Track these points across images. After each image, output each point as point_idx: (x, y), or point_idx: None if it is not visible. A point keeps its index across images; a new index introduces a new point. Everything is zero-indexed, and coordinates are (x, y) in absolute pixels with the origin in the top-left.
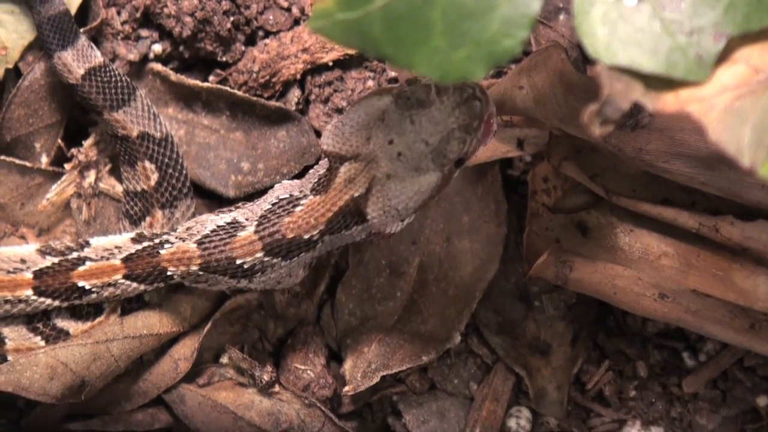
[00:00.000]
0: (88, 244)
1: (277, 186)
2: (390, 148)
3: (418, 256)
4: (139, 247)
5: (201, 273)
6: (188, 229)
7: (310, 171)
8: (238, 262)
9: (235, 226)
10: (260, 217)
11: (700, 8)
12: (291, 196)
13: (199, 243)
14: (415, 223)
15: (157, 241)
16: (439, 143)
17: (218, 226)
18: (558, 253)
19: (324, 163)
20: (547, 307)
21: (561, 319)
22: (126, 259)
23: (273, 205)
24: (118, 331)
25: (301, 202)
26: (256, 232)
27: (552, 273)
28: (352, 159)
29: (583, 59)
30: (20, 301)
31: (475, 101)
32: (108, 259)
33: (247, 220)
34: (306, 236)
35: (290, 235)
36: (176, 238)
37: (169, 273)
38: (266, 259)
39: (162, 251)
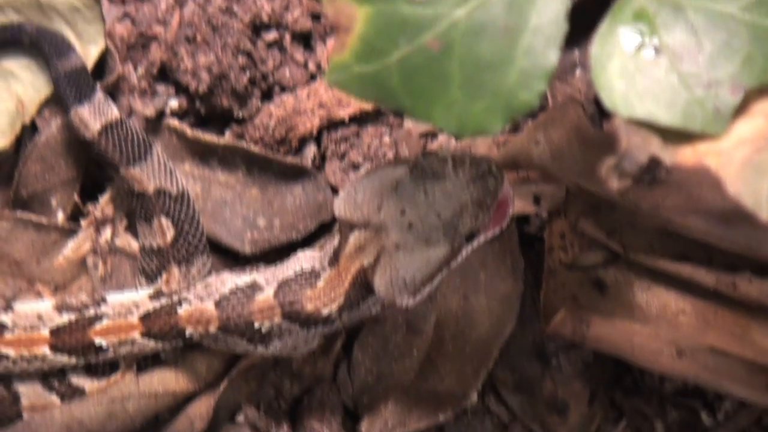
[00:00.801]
0: (104, 300)
1: (299, 254)
2: (401, 219)
3: (435, 314)
4: (157, 304)
5: (220, 335)
6: (207, 286)
7: (327, 242)
8: (256, 325)
9: (253, 287)
10: (281, 282)
11: (717, 61)
12: (313, 268)
13: (217, 303)
14: None
15: (175, 298)
16: (451, 217)
17: (237, 287)
18: (575, 310)
19: (336, 233)
20: (564, 365)
21: (578, 378)
22: (144, 317)
23: (296, 273)
24: (134, 390)
25: (322, 275)
26: (275, 296)
27: (569, 330)
28: (362, 227)
29: (600, 115)
30: (37, 358)
31: (491, 177)
32: (125, 316)
33: (266, 282)
34: (325, 311)
35: (309, 308)
36: (195, 296)
37: (188, 333)
38: (285, 324)
39: (180, 310)
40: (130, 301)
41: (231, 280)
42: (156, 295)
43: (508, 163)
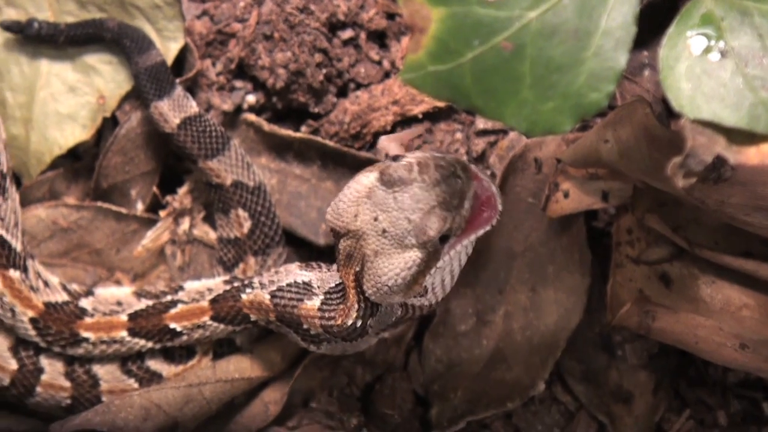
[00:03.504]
0: (181, 288)
1: None
2: (376, 225)
3: (504, 305)
4: (227, 287)
5: (278, 324)
6: (272, 275)
7: None
8: (305, 326)
9: (307, 289)
10: (325, 293)
11: None
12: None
13: (273, 295)
14: (501, 273)
15: (243, 283)
16: (420, 220)
17: (294, 283)
18: (641, 303)
19: None
20: (629, 356)
21: (643, 368)
22: (213, 301)
23: (337, 285)
24: (211, 375)
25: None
26: (319, 309)
27: (635, 323)
28: (346, 235)
29: (667, 114)
30: (115, 341)
31: (455, 179)
32: (198, 301)
33: (318, 287)
34: (349, 322)
35: (339, 322)
36: (259, 283)
37: (252, 318)
38: (323, 335)
39: (243, 296)
40: (205, 287)
41: (293, 275)
42: (231, 280)
43: (578, 160)
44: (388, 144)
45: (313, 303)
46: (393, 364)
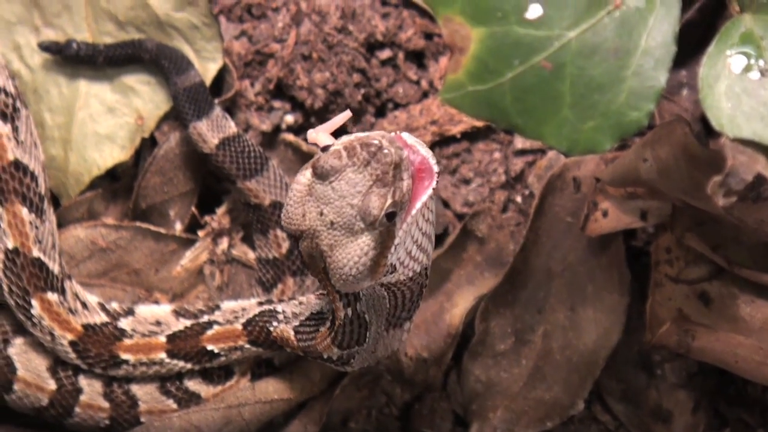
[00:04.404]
0: (218, 307)
1: None
2: (323, 219)
3: (543, 325)
4: (260, 310)
5: (305, 355)
6: (295, 306)
7: None
8: (325, 356)
9: (320, 317)
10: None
11: None
12: None
13: (296, 331)
14: (540, 292)
15: (272, 310)
16: (362, 203)
17: (311, 315)
18: (680, 322)
19: None
20: (669, 375)
21: (682, 388)
22: (246, 324)
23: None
24: (250, 396)
25: None
26: (328, 329)
27: (674, 342)
28: (301, 237)
29: (706, 133)
30: (154, 363)
31: (383, 152)
32: (232, 323)
33: (328, 311)
34: (342, 315)
35: (337, 323)
36: (283, 316)
37: (285, 348)
38: (344, 353)
39: (271, 328)
40: (239, 306)
41: (311, 306)
42: (263, 302)
43: (617, 179)
44: (316, 136)
45: (325, 327)
46: (432, 383)
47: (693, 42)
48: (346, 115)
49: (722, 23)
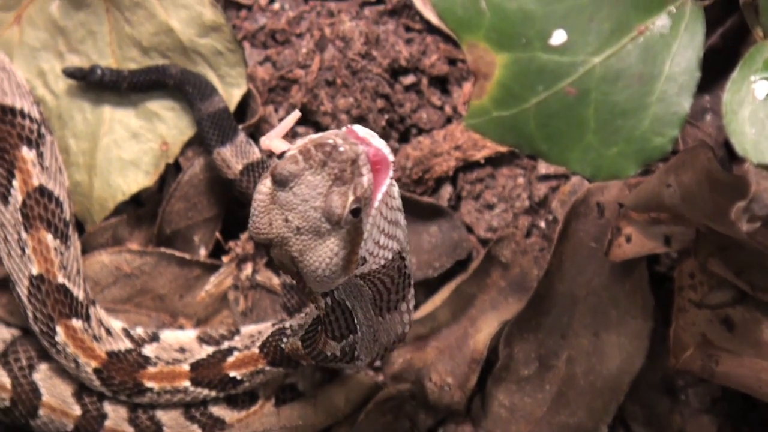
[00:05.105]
0: (238, 332)
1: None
2: (290, 226)
3: (567, 350)
4: (272, 330)
5: (316, 363)
6: (301, 318)
7: None
8: (329, 354)
9: (317, 321)
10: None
11: None
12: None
13: (303, 339)
14: (564, 318)
15: (281, 327)
16: (325, 204)
17: (314, 320)
18: (704, 347)
19: None
20: (692, 400)
21: (706, 413)
22: (262, 347)
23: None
24: (275, 422)
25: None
26: (323, 330)
27: (698, 367)
28: (271, 245)
29: (730, 159)
30: (179, 391)
31: (338, 150)
32: (249, 348)
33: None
34: (322, 303)
35: (322, 313)
36: (290, 329)
37: (304, 363)
38: (342, 344)
39: (282, 345)
40: (256, 330)
41: (313, 313)
42: (275, 323)
43: (640, 204)
44: (270, 143)
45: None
46: (456, 408)
47: (716, 67)
48: (296, 115)
49: (746, 49)
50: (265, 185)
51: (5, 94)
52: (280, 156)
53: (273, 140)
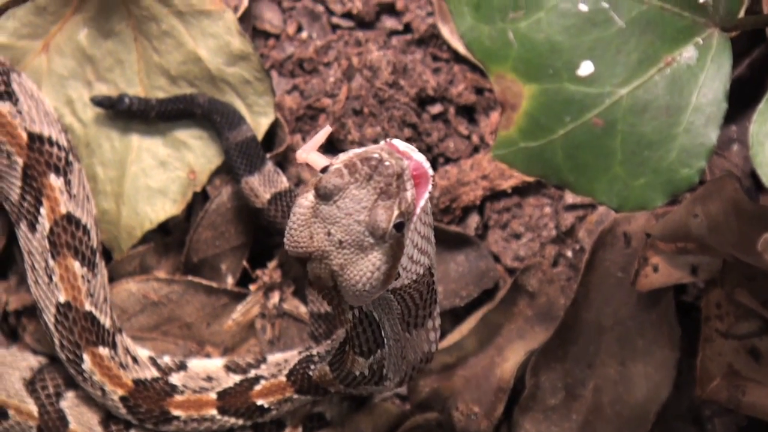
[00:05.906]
0: (264, 360)
1: None
2: (332, 239)
3: (593, 379)
4: (300, 358)
5: (348, 391)
6: (328, 344)
7: None
8: (357, 372)
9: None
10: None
11: None
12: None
13: (331, 363)
14: (591, 347)
15: (309, 355)
16: (369, 219)
17: (341, 344)
18: (731, 377)
19: None
20: (719, 429)
21: None
22: (289, 375)
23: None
24: None
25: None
26: (351, 349)
27: (725, 397)
28: (309, 259)
29: (757, 189)
30: (206, 419)
31: (384, 164)
32: (276, 376)
33: None
34: (350, 316)
35: (347, 327)
36: (318, 355)
37: (332, 389)
38: (370, 360)
39: (310, 372)
40: (282, 358)
41: (340, 338)
42: (302, 350)
43: (667, 234)
44: (307, 157)
45: (349, 345)
46: None
47: (743, 98)
48: (327, 130)
49: None
50: (306, 198)
51: (33, 122)
52: (323, 170)
53: (311, 154)
